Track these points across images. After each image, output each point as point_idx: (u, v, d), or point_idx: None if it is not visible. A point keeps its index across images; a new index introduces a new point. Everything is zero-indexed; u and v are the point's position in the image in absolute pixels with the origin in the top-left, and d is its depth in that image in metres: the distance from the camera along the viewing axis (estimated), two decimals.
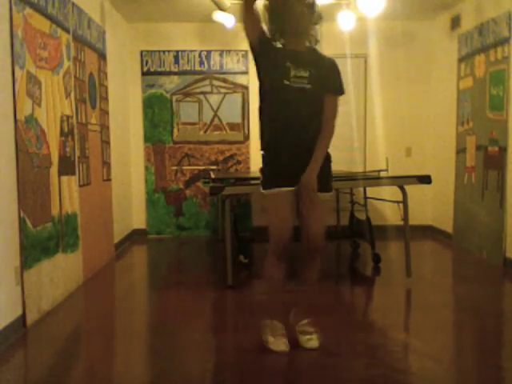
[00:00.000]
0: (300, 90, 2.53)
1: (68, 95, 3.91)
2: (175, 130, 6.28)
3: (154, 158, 6.31)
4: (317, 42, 2.66)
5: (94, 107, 4.63)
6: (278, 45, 2.61)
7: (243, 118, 6.27)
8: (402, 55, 6.10)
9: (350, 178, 4.35)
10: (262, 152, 2.69)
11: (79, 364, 2.78)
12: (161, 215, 6.36)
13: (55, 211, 3.60)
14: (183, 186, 6.34)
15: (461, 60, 5.44)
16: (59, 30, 3.75)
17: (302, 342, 2.74)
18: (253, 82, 6.23)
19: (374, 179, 4.41)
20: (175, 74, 6.22)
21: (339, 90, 2.64)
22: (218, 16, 5.04)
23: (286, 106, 2.56)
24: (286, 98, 2.55)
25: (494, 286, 4.11)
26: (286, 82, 2.52)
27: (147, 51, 6.20)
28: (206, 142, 6.29)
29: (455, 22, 5.56)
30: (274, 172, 2.63)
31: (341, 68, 2.70)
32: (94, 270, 4.45)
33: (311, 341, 2.73)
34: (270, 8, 2.60)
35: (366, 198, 4.95)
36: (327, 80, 2.58)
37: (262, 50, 2.57)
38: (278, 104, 2.58)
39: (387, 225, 5.85)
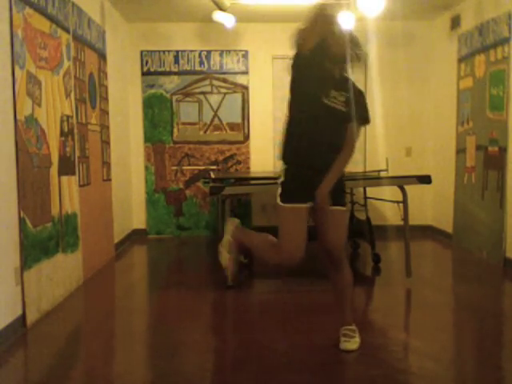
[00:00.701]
0: (334, 110, 2.57)
1: (68, 95, 3.91)
2: (175, 130, 6.28)
3: (153, 158, 6.31)
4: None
5: (94, 107, 4.63)
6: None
7: (243, 118, 6.27)
8: (401, 55, 6.11)
9: (350, 178, 4.34)
10: (284, 166, 2.71)
11: (79, 364, 2.78)
12: (161, 215, 6.36)
13: (55, 211, 3.60)
14: (183, 186, 6.34)
15: (461, 60, 5.44)
16: (59, 30, 3.75)
17: (340, 343, 2.74)
18: (253, 82, 6.24)
19: (374, 179, 4.41)
20: (175, 73, 6.22)
21: (366, 120, 2.70)
22: (218, 16, 5.04)
23: (318, 123, 2.59)
24: (320, 116, 2.58)
25: (494, 285, 4.11)
26: (325, 101, 2.56)
27: (147, 51, 6.20)
28: (206, 142, 6.29)
29: (455, 22, 5.56)
30: (293, 187, 2.66)
31: None
32: (93, 269, 4.45)
33: (346, 343, 2.72)
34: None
35: (365, 197, 4.95)
36: (359, 110, 2.63)
37: (308, 62, 2.56)
38: (310, 121, 2.60)
39: (387, 225, 5.85)
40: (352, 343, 2.71)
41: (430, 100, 6.27)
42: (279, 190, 2.69)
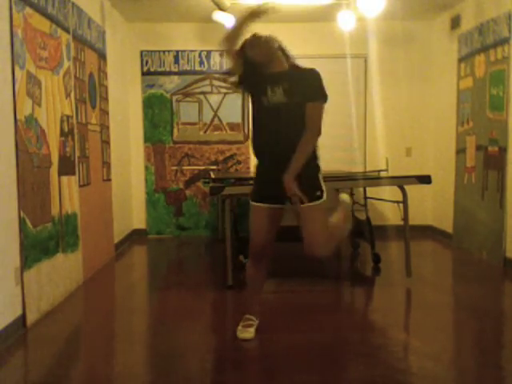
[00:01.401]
0: (276, 105, 2.66)
1: (68, 95, 3.91)
2: (175, 130, 6.28)
3: (154, 158, 6.31)
4: (290, 58, 2.79)
5: (94, 107, 4.63)
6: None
7: (243, 118, 6.27)
8: (401, 55, 6.10)
9: (350, 177, 4.35)
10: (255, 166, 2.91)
11: (79, 364, 2.78)
12: (161, 215, 6.36)
13: (55, 211, 3.60)
14: (183, 186, 6.34)
15: (461, 60, 5.44)
16: (59, 30, 3.75)
17: None
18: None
19: (374, 179, 4.41)
20: (175, 74, 6.22)
21: (318, 97, 2.69)
22: (218, 16, 5.04)
23: (266, 123, 2.72)
24: (266, 116, 2.71)
25: (494, 286, 4.11)
26: (265, 102, 2.68)
27: (147, 51, 6.20)
28: (206, 142, 6.29)
29: (455, 22, 5.56)
30: (258, 186, 2.84)
31: (341, 68, 2.74)
32: (93, 269, 4.45)
33: None
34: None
35: (366, 197, 4.95)
36: (305, 90, 2.67)
37: (246, 76, 2.79)
38: (260, 122, 2.76)
39: (387, 225, 5.85)
40: None
41: (429, 100, 6.26)
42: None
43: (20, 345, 2.92)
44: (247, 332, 2.88)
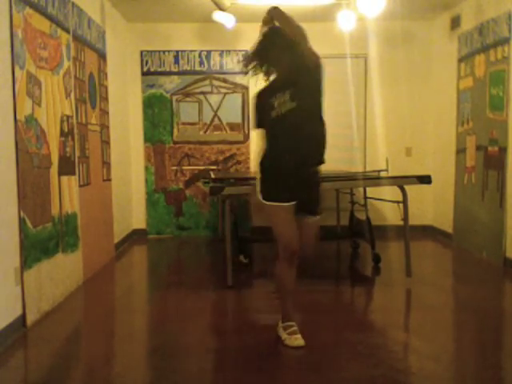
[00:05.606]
0: (289, 112, 2.68)
1: (68, 95, 3.91)
2: (175, 130, 6.28)
3: (153, 158, 6.31)
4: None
5: (93, 107, 4.63)
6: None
7: (243, 118, 6.27)
8: (401, 55, 6.10)
9: (350, 177, 4.35)
10: (260, 170, 2.83)
11: (79, 364, 2.78)
12: (161, 215, 6.36)
13: (55, 211, 3.60)
14: (183, 186, 6.34)
15: (461, 60, 5.44)
16: (59, 30, 3.75)
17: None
18: (253, 82, 6.23)
19: (374, 179, 4.41)
20: (175, 74, 6.22)
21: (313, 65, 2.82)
22: (218, 16, 5.04)
23: (282, 133, 2.72)
24: (281, 126, 2.71)
25: (494, 286, 4.11)
26: (273, 114, 2.70)
27: (147, 51, 6.20)
28: (206, 142, 6.29)
29: (455, 22, 5.56)
30: (277, 187, 2.76)
31: (341, 68, 2.72)
32: (94, 269, 4.45)
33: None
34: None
35: (365, 198, 4.94)
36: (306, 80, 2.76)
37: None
38: (275, 134, 2.75)
39: (387, 225, 5.84)
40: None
41: (429, 100, 6.26)
42: (259, 186, 2.80)
43: (20, 345, 2.92)
44: (298, 339, 2.78)
